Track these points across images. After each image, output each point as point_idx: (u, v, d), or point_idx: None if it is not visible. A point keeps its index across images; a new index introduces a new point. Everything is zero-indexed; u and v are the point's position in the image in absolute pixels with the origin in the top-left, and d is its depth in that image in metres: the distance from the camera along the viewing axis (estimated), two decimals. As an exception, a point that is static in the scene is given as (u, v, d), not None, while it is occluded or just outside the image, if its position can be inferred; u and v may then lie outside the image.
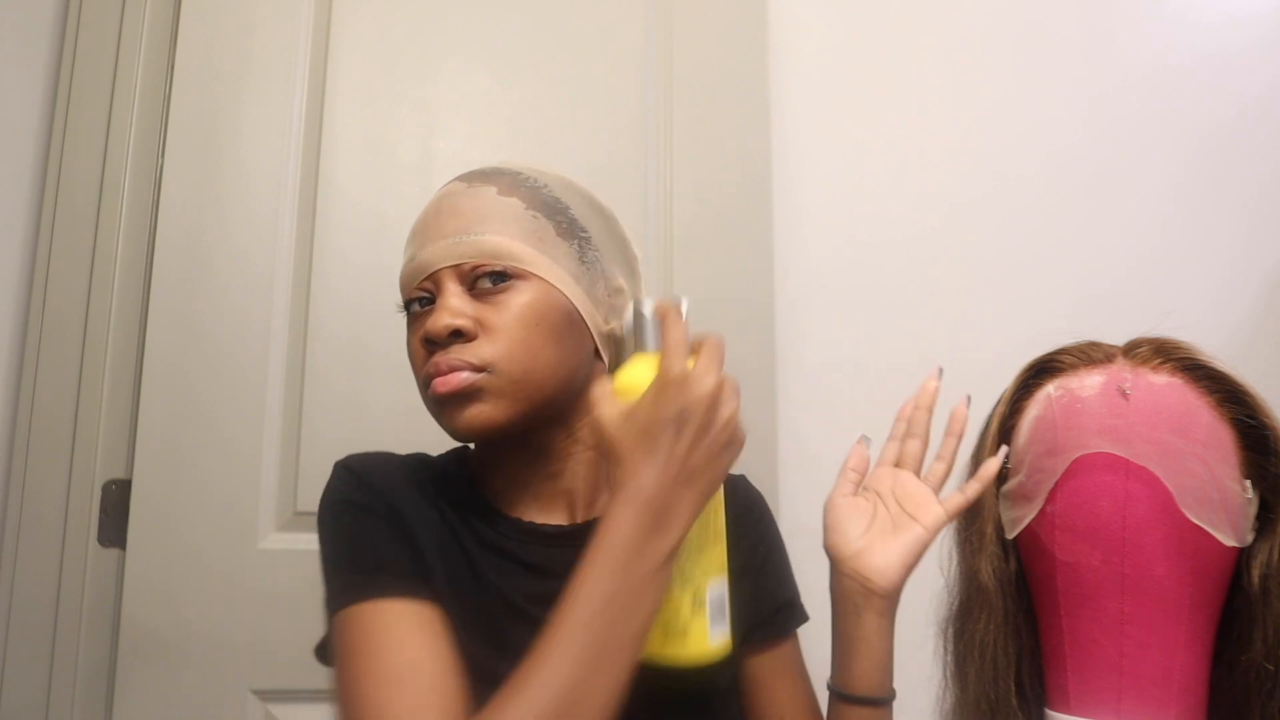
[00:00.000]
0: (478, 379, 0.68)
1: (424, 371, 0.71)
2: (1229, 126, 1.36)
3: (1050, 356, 0.69)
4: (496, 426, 0.69)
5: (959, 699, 0.69)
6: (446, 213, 0.73)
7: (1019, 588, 0.67)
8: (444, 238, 0.71)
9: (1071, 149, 1.36)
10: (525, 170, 0.76)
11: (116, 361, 1.22)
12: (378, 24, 1.30)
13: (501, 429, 0.69)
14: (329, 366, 1.22)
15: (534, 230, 0.72)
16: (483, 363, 0.68)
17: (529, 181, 0.75)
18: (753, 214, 1.28)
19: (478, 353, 0.68)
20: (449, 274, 0.71)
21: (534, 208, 0.73)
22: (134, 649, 1.14)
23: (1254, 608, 0.60)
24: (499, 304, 0.70)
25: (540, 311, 0.71)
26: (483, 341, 0.69)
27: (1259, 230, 1.34)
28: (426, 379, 0.70)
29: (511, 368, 0.69)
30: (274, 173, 1.25)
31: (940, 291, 1.32)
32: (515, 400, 0.69)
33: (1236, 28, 1.38)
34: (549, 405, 0.71)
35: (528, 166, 0.77)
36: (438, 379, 0.69)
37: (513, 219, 0.72)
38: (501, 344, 0.69)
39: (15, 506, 1.17)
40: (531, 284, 0.71)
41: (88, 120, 1.25)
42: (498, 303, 0.70)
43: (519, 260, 0.71)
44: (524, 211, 0.72)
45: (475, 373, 0.68)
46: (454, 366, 0.68)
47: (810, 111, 1.36)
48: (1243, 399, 0.62)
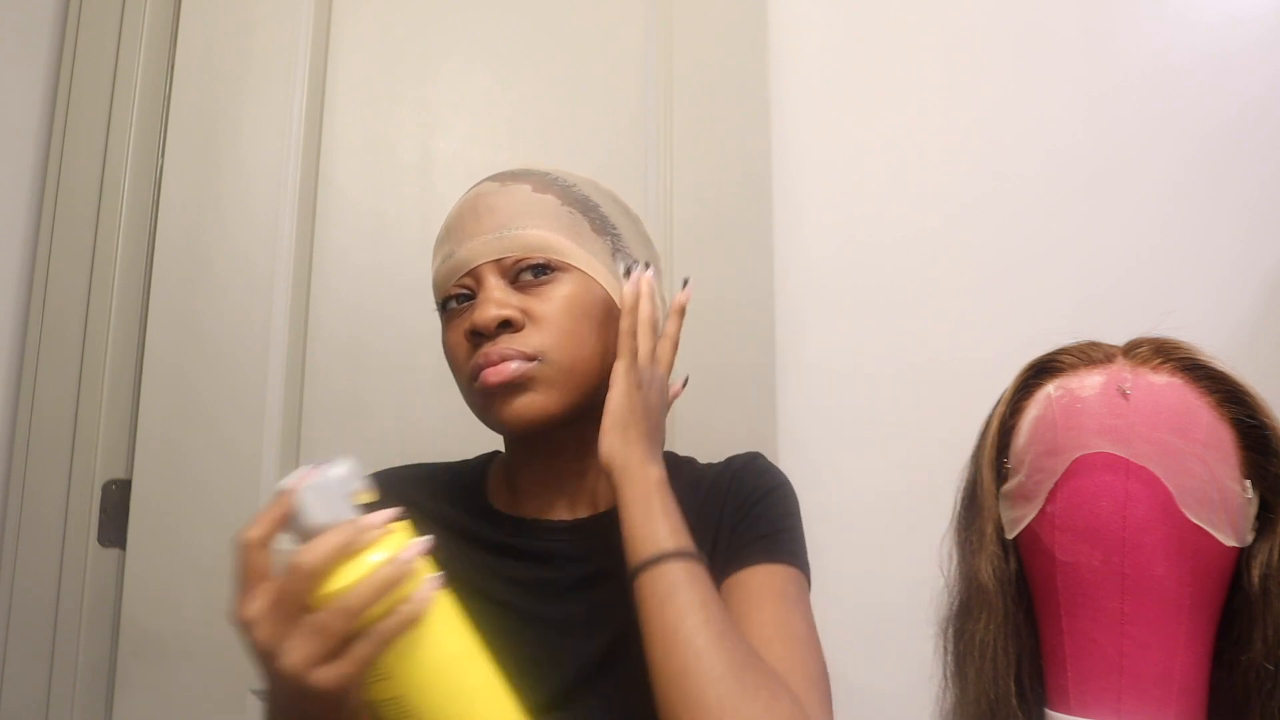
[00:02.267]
0: (529, 368, 0.68)
1: (471, 364, 0.70)
2: (1229, 126, 1.36)
3: (1050, 356, 0.69)
4: (549, 416, 0.69)
5: (959, 699, 0.69)
6: (484, 210, 0.73)
7: (1019, 588, 0.67)
8: (483, 234, 0.72)
9: (1071, 149, 1.36)
10: (553, 171, 0.77)
11: (116, 361, 1.22)
12: (378, 24, 1.30)
13: (553, 419, 0.70)
14: (329, 366, 1.22)
15: (571, 224, 0.73)
16: (534, 351, 0.69)
17: (559, 180, 0.76)
18: (753, 214, 1.28)
19: (527, 342, 0.69)
20: (490, 269, 0.71)
21: (568, 204, 0.74)
22: (134, 649, 1.14)
23: (1254, 608, 0.60)
24: (543, 295, 0.71)
25: (584, 302, 0.71)
26: (531, 331, 0.70)
27: (1259, 230, 1.33)
28: (475, 371, 0.70)
29: (561, 357, 0.69)
30: (274, 173, 1.25)
31: (940, 291, 1.32)
32: (565, 390, 0.70)
33: (1236, 28, 1.37)
34: (591, 396, 0.72)
35: (553, 168, 0.78)
36: (489, 369, 0.68)
37: (551, 213, 0.73)
38: (550, 333, 0.69)
39: (15, 506, 1.17)
40: (572, 275, 0.72)
41: (88, 120, 1.25)
42: (542, 294, 0.71)
43: (560, 253, 0.72)
44: (560, 207, 0.73)
45: (526, 361, 0.68)
46: (505, 356, 0.68)
47: (810, 111, 1.36)
48: (1243, 399, 0.62)
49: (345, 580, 0.53)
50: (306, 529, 0.55)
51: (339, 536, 0.53)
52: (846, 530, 1.25)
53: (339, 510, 0.55)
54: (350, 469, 0.57)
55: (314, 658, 0.51)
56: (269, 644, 0.52)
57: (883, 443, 1.28)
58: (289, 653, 0.51)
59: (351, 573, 0.53)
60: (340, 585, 0.53)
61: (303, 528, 0.55)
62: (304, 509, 0.55)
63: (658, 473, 0.68)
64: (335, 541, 0.53)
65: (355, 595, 0.52)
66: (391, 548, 0.54)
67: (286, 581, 0.52)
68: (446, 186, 1.26)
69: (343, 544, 0.53)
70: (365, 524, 0.54)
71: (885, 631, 1.14)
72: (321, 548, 0.52)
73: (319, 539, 0.53)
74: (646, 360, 0.71)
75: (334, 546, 0.53)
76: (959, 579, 0.71)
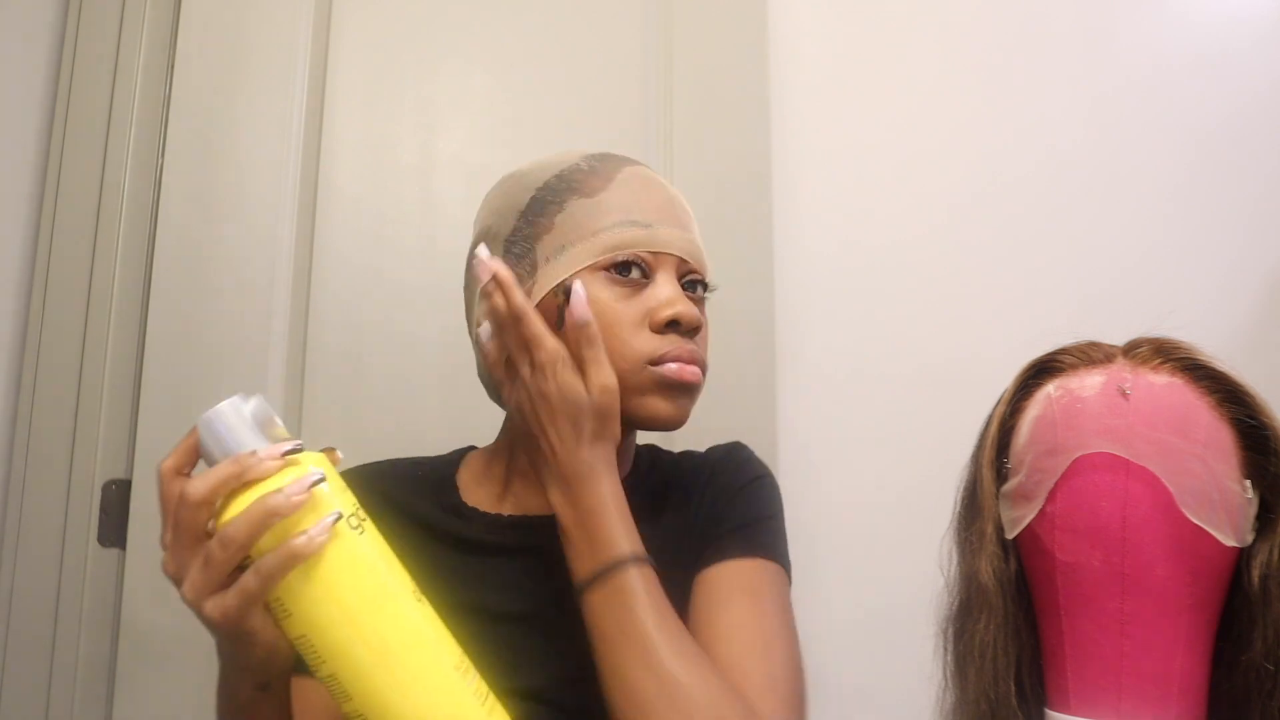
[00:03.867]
0: (700, 379, 0.71)
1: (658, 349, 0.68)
2: (1229, 126, 1.36)
3: (1050, 356, 0.69)
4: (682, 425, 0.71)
5: (959, 699, 0.69)
6: (676, 204, 0.75)
7: (1019, 588, 0.67)
8: (678, 227, 0.73)
9: (1071, 149, 1.36)
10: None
11: (116, 361, 1.22)
12: (378, 24, 1.30)
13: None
14: (329, 366, 1.22)
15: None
16: (704, 365, 0.72)
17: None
18: (753, 214, 1.28)
19: (702, 355, 0.72)
20: (674, 263, 0.72)
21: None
22: (134, 649, 1.14)
23: (1254, 608, 0.60)
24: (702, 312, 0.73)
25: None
26: (700, 344, 0.72)
27: (1259, 230, 1.33)
28: (660, 358, 0.68)
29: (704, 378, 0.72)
30: (274, 173, 1.25)
31: (940, 291, 1.32)
32: None
33: (1236, 28, 1.38)
34: None
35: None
36: (681, 365, 0.69)
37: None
38: (706, 352, 0.73)
39: (15, 506, 1.17)
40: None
41: (88, 120, 1.25)
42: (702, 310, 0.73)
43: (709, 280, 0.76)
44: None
45: (702, 372, 0.71)
46: (696, 359, 0.70)
47: (810, 111, 1.36)
48: (1243, 399, 0.62)
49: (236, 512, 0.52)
50: (216, 458, 0.54)
51: (231, 466, 0.52)
52: (846, 530, 1.25)
53: (246, 442, 0.54)
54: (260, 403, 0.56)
55: (203, 587, 0.52)
56: (174, 573, 0.53)
57: (883, 443, 1.28)
58: (186, 581, 0.52)
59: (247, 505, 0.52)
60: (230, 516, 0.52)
61: (212, 457, 0.54)
62: (208, 438, 0.55)
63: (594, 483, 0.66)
64: (226, 471, 0.52)
65: (235, 525, 0.51)
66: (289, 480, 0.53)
67: (178, 510, 0.52)
68: (446, 187, 1.26)
69: (232, 473, 0.52)
70: (261, 455, 0.53)
71: (885, 631, 1.14)
72: (210, 477, 0.52)
73: (211, 469, 0.52)
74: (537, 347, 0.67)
75: (222, 476, 0.52)
76: (959, 579, 0.71)
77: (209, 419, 0.55)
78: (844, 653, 1.16)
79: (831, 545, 1.24)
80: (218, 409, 0.55)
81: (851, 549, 1.23)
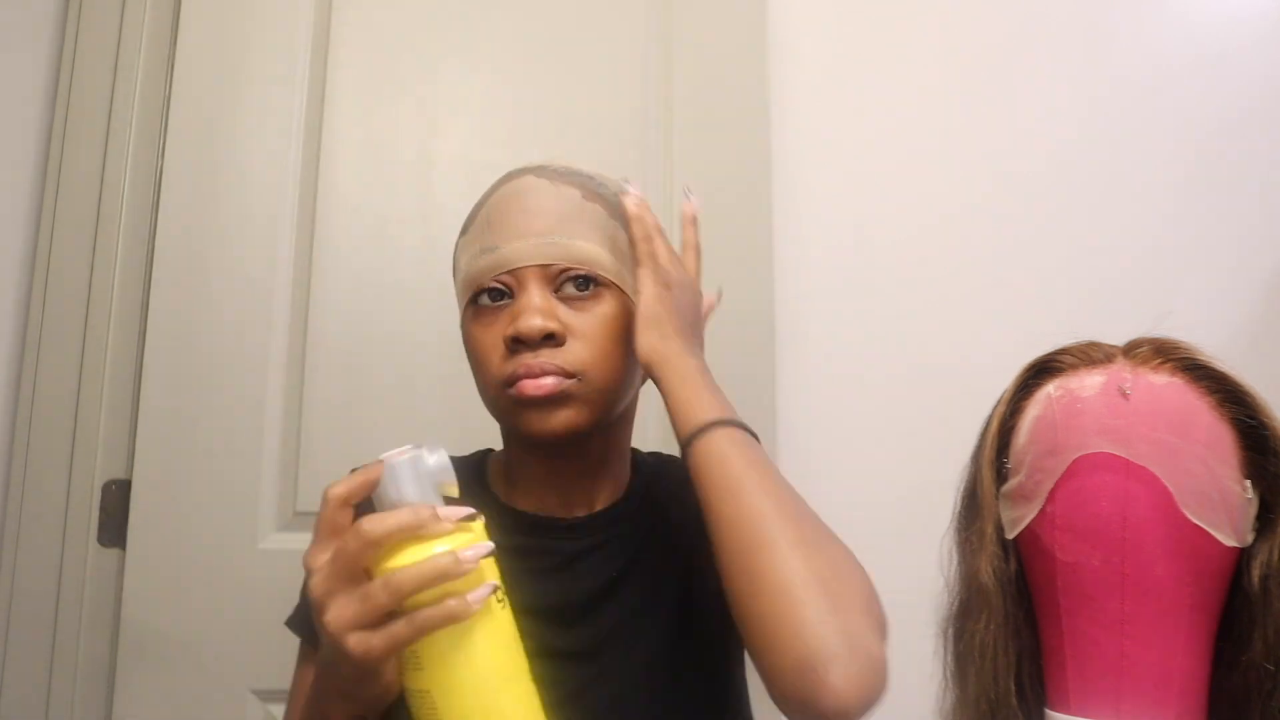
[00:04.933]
0: (568, 385, 0.68)
1: (507, 370, 0.69)
2: (1229, 126, 1.36)
3: (1050, 356, 0.69)
4: (577, 432, 0.69)
5: (959, 699, 0.69)
6: (533, 210, 0.71)
7: (1019, 588, 0.67)
8: (532, 235, 0.70)
9: (1072, 149, 1.36)
10: (595, 174, 0.76)
11: (116, 361, 1.22)
12: (378, 24, 1.30)
13: (581, 434, 0.70)
14: (329, 366, 1.22)
15: (614, 239, 0.72)
16: (574, 369, 0.68)
17: (603, 188, 0.75)
18: (753, 214, 1.28)
19: (568, 358, 0.68)
20: (535, 273, 0.70)
21: (612, 216, 0.73)
22: (134, 649, 1.14)
23: (1254, 608, 0.60)
24: (585, 310, 0.70)
25: (622, 323, 0.71)
26: (573, 347, 0.69)
27: (1259, 230, 1.34)
28: (511, 378, 0.68)
29: (598, 376, 0.69)
30: (274, 173, 1.25)
31: (940, 291, 1.32)
32: (597, 408, 0.70)
33: (1236, 28, 1.38)
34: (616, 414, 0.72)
35: (595, 170, 0.77)
36: (528, 381, 0.68)
37: (598, 225, 0.72)
38: (590, 352, 0.69)
39: (15, 506, 1.17)
40: (613, 293, 0.71)
41: (88, 120, 1.25)
42: (584, 309, 0.70)
43: (605, 268, 0.71)
44: (606, 220, 0.72)
45: (565, 379, 0.68)
46: (546, 370, 0.67)
47: (810, 111, 1.36)
48: (1243, 399, 0.62)
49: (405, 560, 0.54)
50: (388, 502, 0.56)
51: (409, 515, 0.54)
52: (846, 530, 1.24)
53: (423, 493, 0.56)
54: (443, 459, 0.58)
55: (352, 621, 0.53)
56: (320, 596, 0.54)
57: (882, 443, 1.28)
58: (333, 609, 0.54)
59: (413, 555, 0.54)
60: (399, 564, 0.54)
61: (385, 499, 0.56)
62: (388, 481, 0.56)
63: (697, 361, 0.69)
64: (403, 519, 0.54)
65: (405, 574, 0.53)
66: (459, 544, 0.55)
67: (346, 540, 0.54)
68: (446, 187, 1.26)
69: (409, 523, 0.54)
70: (439, 513, 0.55)
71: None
72: (388, 520, 0.54)
73: (390, 513, 0.54)
74: (668, 261, 0.71)
75: (399, 523, 0.54)
76: (959, 579, 0.71)
77: (397, 466, 0.56)
78: (844, 653, 1.16)
79: (831, 545, 1.24)
80: (408, 457, 0.57)
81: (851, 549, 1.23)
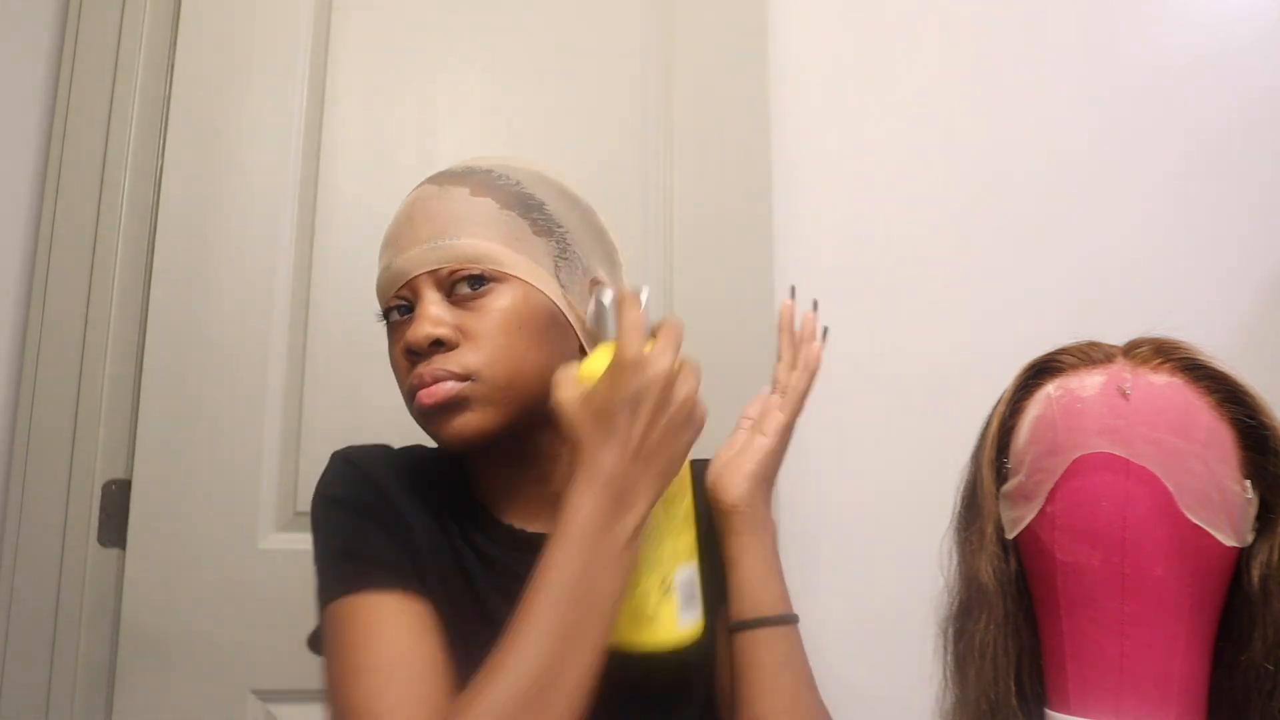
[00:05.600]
0: (462, 388, 0.67)
1: (408, 382, 0.70)
2: (1229, 127, 1.36)
3: (1050, 356, 0.69)
4: (485, 435, 0.69)
5: (959, 699, 0.69)
6: (420, 218, 0.72)
7: (1019, 588, 0.67)
8: (419, 243, 0.70)
9: (1072, 149, 1.36)
10: (497, 167, 0.75)
11: (116, 361, 1.22)
12: (378, 24, 1.30)
13: (490, 436, 0.69)
14: (329, 366, 1.22)
15: (510, 230, 0.71)
16: (466, 371, 0.68)
17: (501, 179, 0.74)
18: (753, 214, 1.28)
19: (461, 361, 0.68)
20: (426, 281, 0.70)
21: (508, 207, 0.72)
22: (134, 649, 1.14)
23: (1254, 608, 0.60)
24: (479, 309, 0.69)
25: (522, 314, 0.70)
26: (465, 349, 0.68)
27: (1259, 230, 1.34)
28: (411, 390, 0.70)
29: (496, 374, 0.68)
30: (274, 173, 1.25)
31: (940, 291, 1.32)
32: (502, 406, 0.69)
33: (1236, 28, 1.38)
34: (537, 408, 0.70)
35: (500, 163, 0.76)
36: (422, 390, 0.68)
37: (488, 220, 0.71)
38: (484, 351, 0.68)
39: (15, 506, 1.17)
40: (511, 286, 0.70)
41: (88, 120, 1.25)
42: (478, 308, 0.69)
43: (496, 262, 0.70)
44: (499, 211, 0.71)
45: (460, 382, 0.68)
46: (438, 377, 0.67)
47: (810, 111, 1.36)
48: (1243, 399, 0.62)
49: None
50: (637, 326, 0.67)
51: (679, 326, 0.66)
52: (847, 530, 1.25)
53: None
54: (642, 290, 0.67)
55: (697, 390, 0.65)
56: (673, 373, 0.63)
57: (883, 443, 1.28)
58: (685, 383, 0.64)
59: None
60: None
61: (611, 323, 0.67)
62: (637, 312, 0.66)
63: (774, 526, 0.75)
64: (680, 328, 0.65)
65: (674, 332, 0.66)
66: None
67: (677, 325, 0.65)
68: (446, 186, 1.26)
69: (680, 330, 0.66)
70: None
71: (885, 631, 1.14)
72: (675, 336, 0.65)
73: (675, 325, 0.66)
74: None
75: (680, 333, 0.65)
76: (959, 579, 0.71)
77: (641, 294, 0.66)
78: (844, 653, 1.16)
79: (831, 545, 1.24)
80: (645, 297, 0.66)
81: (851, 549, 1.24)
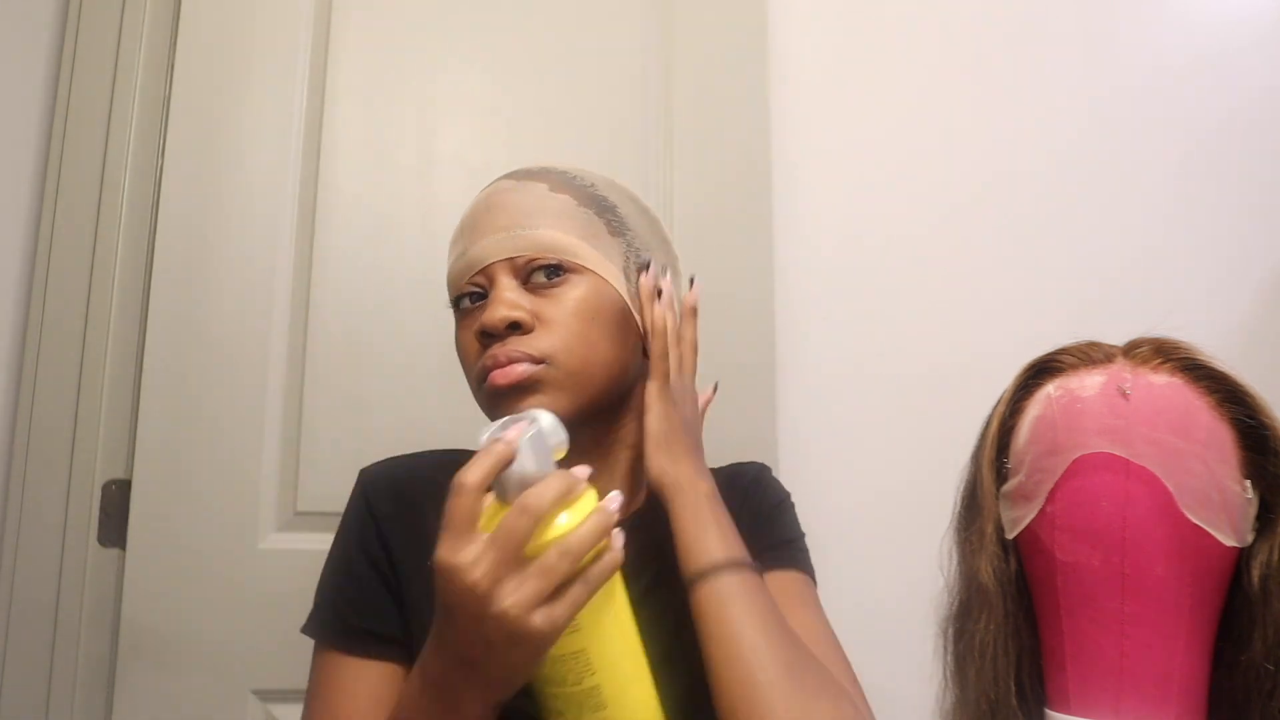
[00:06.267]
0: (536, 370, 0.68)
1: (480, 365, 0.70)
2: (1229, 126, 1.36)
3: (1050, 356, 0.69)
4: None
5: (959, 699, 0.69)
6: (498, 208, 0.73)
7: (1019, 588, 0.67)
8: (497, 232, 0.71)
9: (1072, 149, 1.36)
10: (571, 169, 0.77)
11: (116, 361, 1.22)
12: (378, 24, 1.30)
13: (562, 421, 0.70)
14: (329, 367, 1.22)
15: (587, 226, 0.73)
16: (541, 354, 0.69)
17: (577, 179, 0.76)
18: (753, 214, 1.28)
19: (536, 345, 0.69)
20: (502, 268, 0.71)
21: (585, 204, 0.74)
22: (134, 649, 1.14)
23: (1254, 608, 0.60)
24: (554, 297, 0.70)
25: (595, 305, 0.71)
26: (540, 334, 0.69)
27: (1259, 230, 1.34)
28: (483, 372, 0.70)
29: (569, 360, 0.69)
30: (274, 173, 1.25)
31: (940, 291, 1.32)
32: (572, 393, 0.69)
33: (1236, 28, 1.38)
34: (602, 400, 0.72)
35: (573, 166, 0.78)
36: (496, 371, 0.68)
37: (566, 214, 0.72)
38: (559, 336, 0.69)
39: (15, 506, 1.17)
40: (585, 278, 0.72)
41: (88, 120, 1.25)
42: (553, 296, 0.71)
43: (573, 254, 0.71)
44: (576, 208, 0.73)
45: (534, 364, 0.68)
46: (513, 358, 0.68)
47: (810, 111, 1.36)
48: (1243, 399, 0.62)
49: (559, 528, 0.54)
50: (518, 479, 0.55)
51: (561, 483, 0.55)
52: (847, 530, 1.25)
53: (545, 463, 0.57)
54: (554, 422, 0.58)
55: (535, 599, 0.52)
56: (489, 586, 0.52)
57: (883, 443, 1.28)
58: (509, 594, 0.52)
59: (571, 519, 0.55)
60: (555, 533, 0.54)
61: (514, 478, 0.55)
62: (522, 459, 0.55)
63: (707, 486, 0.70)
64: (558, 487, 0.54)
65: (577, 538, 0.53)
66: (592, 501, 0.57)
67: (512, 523, 0.53)
68: (446, 186, 1.26)
69: (564, 490, 0.55)
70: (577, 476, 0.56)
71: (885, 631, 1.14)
72: (547, 493, 0.54)
73: (543, 485, 0.54)
74: (677, 378, 0.73)
75: (558, 492, 0.54)
76: (959, 579, 0.71)
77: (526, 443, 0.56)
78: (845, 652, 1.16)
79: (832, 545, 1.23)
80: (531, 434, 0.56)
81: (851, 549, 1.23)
